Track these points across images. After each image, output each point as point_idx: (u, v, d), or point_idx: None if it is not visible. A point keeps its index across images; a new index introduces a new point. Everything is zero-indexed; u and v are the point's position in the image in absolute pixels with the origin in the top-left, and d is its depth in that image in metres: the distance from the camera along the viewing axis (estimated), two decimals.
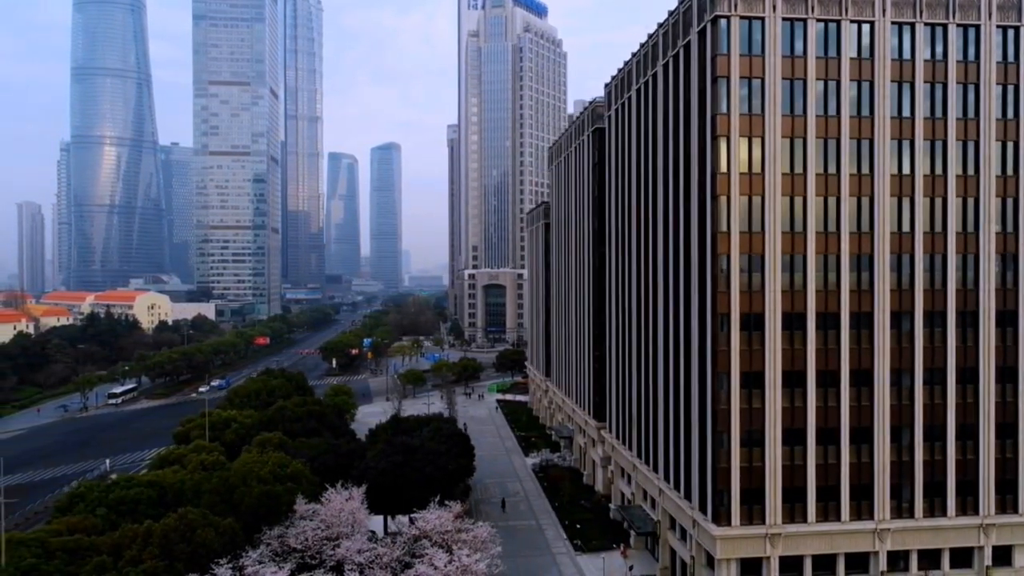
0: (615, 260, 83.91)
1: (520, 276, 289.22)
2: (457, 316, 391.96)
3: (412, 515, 76.61)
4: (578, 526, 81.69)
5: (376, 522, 77.47)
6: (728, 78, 55.14)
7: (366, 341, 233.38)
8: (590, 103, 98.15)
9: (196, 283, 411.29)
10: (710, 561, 58.37)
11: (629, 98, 77.94)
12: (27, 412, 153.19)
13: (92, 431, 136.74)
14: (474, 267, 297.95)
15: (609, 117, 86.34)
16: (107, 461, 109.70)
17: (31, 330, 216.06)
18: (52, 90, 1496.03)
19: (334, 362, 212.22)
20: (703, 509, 57.95)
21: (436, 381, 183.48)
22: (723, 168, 55.34)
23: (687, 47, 61.01)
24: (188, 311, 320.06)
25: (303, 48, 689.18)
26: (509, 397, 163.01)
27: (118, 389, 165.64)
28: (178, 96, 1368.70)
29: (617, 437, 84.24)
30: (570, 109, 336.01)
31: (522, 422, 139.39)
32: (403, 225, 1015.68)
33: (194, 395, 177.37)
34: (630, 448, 78.74)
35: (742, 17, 55.19)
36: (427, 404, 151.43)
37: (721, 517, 55.67)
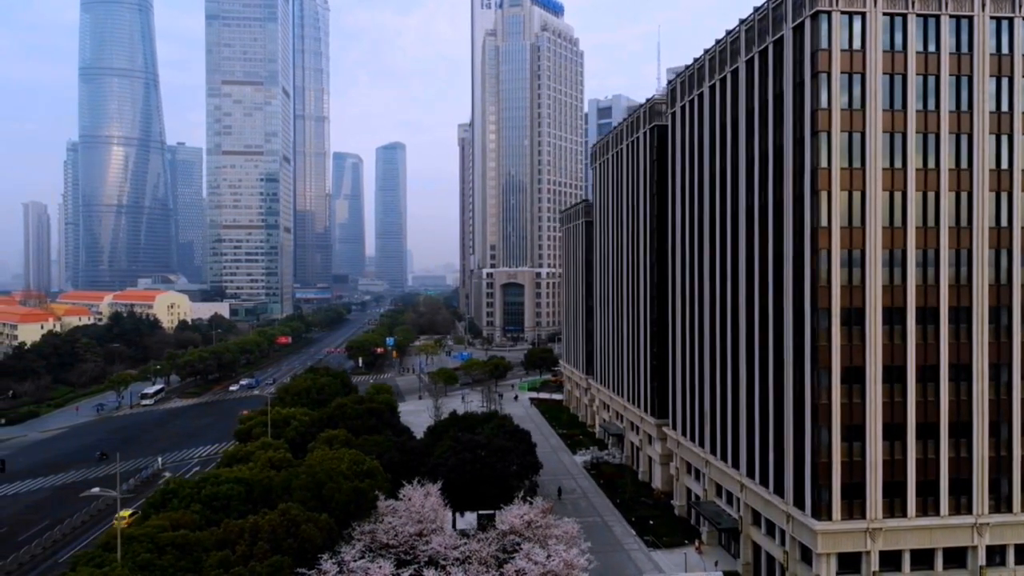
0: (683, 256, 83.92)
1: (538, 275, 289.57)
2: (469, 315, 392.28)
3: (481, 512, 76.84)
4: (650, 522, 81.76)
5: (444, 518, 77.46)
6: (829, 73, 55.19)
7: (389, 340, 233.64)
8: (647, 101, 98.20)
9: (209, 282, 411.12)
10: (805, 556, 58.46)
11: (700, 95, 77.98)
12: (63, 411, 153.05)
13: (133, 429, 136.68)
14: (492, 266, 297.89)
15: (673, 114, 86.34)
16: (159, 459, 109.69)
17: (57, 329, 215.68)
18: (52, 91, 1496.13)
19: (360, 361, 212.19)
20: (799, 504, 57.99)
21: (466, 379, 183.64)
22: (823, 163, 55.38)
23: (778, 43, 61.07)
24: (204, 311, 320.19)
25: (310, 48, 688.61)
26: (544, 395, 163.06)
27: (149, 390, 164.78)
28: (179, 96, 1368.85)
29: (683, 434, 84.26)
30: (586, 108, 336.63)
31: (562, 420, 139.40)
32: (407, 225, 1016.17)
33: (228, 393, 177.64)
34: (700, 444, 78.77)
35: (843, 12, 55.26)
36: (465, 402, 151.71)
37: (821, 512, 55.72)
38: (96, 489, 58.89)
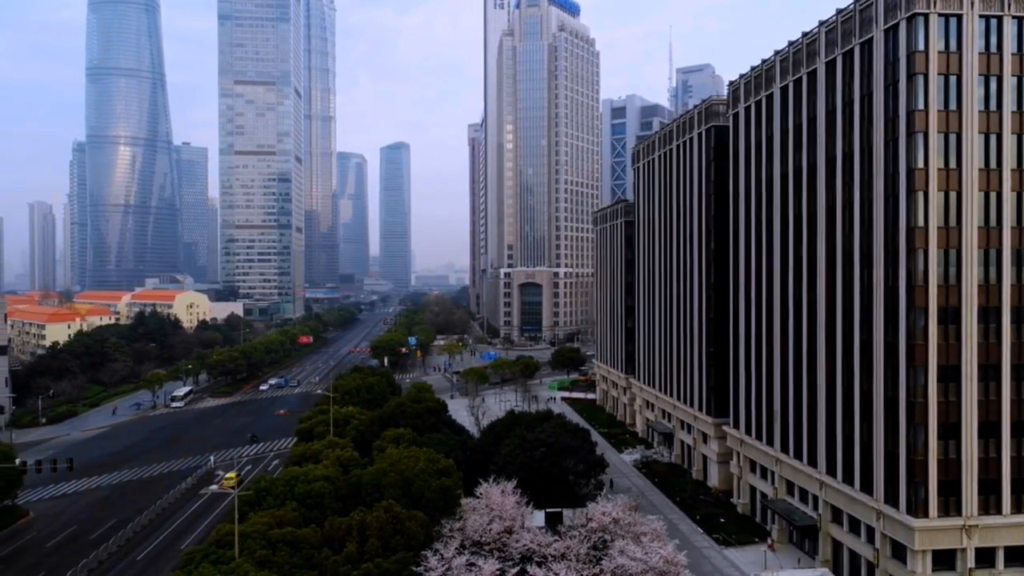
0: (748, 255, 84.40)
1: (556, 275, 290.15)
2: (481, 315, 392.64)
3: (548, 510, 77.29)
4: (720, 520, 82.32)
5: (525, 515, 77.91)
6: (926, 75, 55.76)
7: (411, 340, 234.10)
8: (703, 102, 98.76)
9: (222, 282, 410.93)
10: (898, 553, 59.00)
11: (770, 96, 78.53)
12: (99, 410, 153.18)
13: (174, 429, 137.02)
14: (509, 266, 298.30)
15: (736, 115, 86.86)
16: (211, 457, 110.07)
17: (83, 329, 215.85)
18: (54, 91, 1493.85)
19: (385, 360, 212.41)
20: (892, 501, 58.55)
21: (495, 379, 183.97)
22: (920, 164, 55.96)
23: (867, 44, 61.62)
24: (220, 310, 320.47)
25: (316, 48, 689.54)
26: (578, 395, 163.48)
27: (179, 392, 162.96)
28: (181, 96, 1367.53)
29: (747, 432, 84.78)
30: (601, 108, 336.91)
31: (600, 419, 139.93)
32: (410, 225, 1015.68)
33: (259, 393, 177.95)
34: (769, 443, 79.30)
35: (939, 14, 55.83)
36: (502, 400, 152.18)
37: (917, 509, 56.29)
38: (214, 487, 59.34)
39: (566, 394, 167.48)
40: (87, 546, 76.05)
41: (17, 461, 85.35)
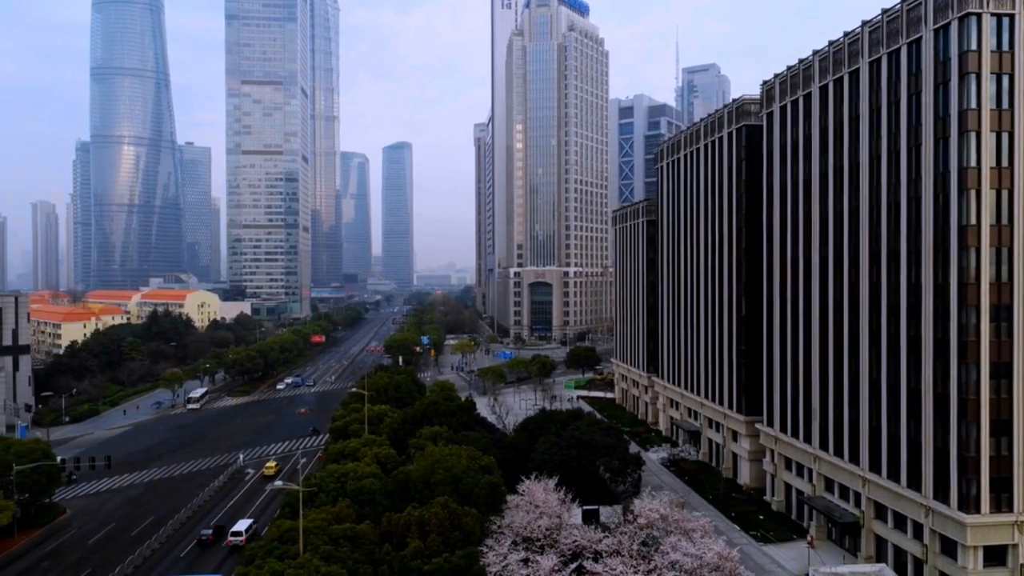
0: (783, 253, 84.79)
1: (566, 274, 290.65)
2: (488, 314, 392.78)
3: (585, 507, 77.58)
4: (760, 517, 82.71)
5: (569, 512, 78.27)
6: (978, 74, 56.17)
7: (424, 339, 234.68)
8: (733, 101, 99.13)
9: (229, 282, 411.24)
10: (947, 549, 59.41)
11: (807, 95, 78.90)
12: (120, 409, 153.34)
13: (197, 427, 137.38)
14: (519, 265, 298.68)
15: (770, 114, 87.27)
16: (240, 456, 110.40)
17: (98, 328, 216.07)
18: (56, 91, 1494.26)
19: (400, 359, 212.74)
20: (941, 498, 58.96)
21: (510, 378, 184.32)
22: (972, 163, 56.38)
23: (915, 44, 62.00)
24: (229, 310, 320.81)
25: (320, 47, 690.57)
26: (597, 394, 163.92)
27: (195, 393, 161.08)
28: (183, 96, 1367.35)
29: (782, 430, 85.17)
30: (609, 107, 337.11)
31: (622, 418, 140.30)
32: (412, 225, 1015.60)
33: (276, 392, 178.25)
34: (807, 441, 79.68)
35: (992, 14, 56.23)
36: (521, 399, 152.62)
37: (969, 505, 56.71)
38: (279, 483, 59.69)
39: (584, 393, 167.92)
40: (128, 543, 76.42)
41: (58, 460, 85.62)
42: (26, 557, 73.53)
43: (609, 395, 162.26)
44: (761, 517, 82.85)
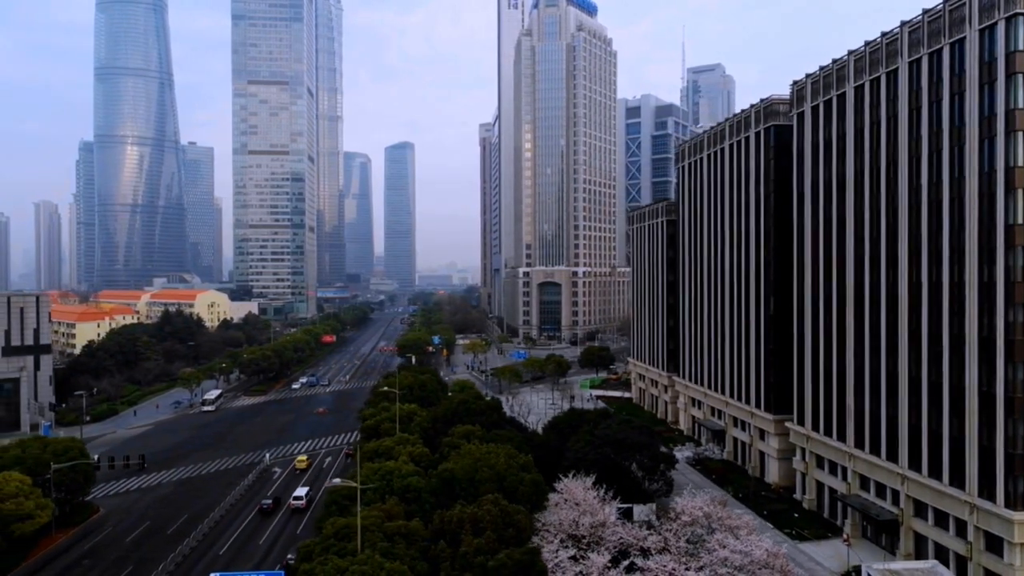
0: (815, 253, 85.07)
1: (575, 274, 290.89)
2: (494, 314, 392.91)
3: (619, 505, 77.86)
4: (795, 515, 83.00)
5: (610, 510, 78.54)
6: None
7: (435, 339, 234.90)
8: (761, 101, 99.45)
9: (235, 282, 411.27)
10: (992, 546, 59.73)
11: (841, 95, 79.22)
12: (138, 408, 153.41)
13: (218, 426, 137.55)
14: (528, 265, 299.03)
15: (801, 114, 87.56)
16: (267, 455, 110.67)
17: (113, 328, 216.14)
18: (57, 91, 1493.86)
19: (413, 359, 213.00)
20: (987, 495, 59.27)
21: (525, 377, 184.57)
22: (1019, 162, 56.68)
23: (957, 44, 62.34)
24: (237, 309, 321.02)
25: (324, 47, 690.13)
26: (615, 393, 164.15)
27: (210, 395, 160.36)
28: (184, 96, 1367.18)
29: (814, 429, 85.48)
30: (616, 107, 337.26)
31: (642, 417, 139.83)
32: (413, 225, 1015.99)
33: (292, 391, 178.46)
34: (841, 439, 79.99)
35: None
36: (540, 398, 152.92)
37: (1016, 502, 57.03)
38: (337, 480, 60.00)
39: (600, 392, 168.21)
40: (165, 541, 76.63)
41: (95, 458, 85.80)
42: (66, 555, 73.76)
43: (626, 394, 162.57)
44: (795, 515, 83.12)
